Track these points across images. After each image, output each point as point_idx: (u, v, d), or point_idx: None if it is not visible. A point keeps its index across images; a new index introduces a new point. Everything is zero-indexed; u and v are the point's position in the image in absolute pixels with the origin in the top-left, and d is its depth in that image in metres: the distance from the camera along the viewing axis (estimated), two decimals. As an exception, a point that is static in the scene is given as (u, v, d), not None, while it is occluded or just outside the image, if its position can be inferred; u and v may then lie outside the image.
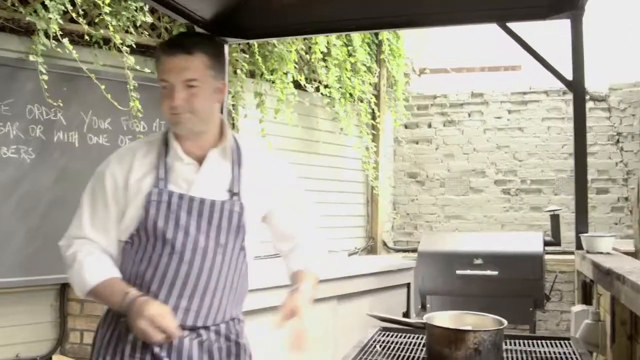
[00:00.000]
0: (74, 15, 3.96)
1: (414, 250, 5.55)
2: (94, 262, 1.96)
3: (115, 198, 1.99)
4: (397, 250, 7.05)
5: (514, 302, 4.90)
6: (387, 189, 7.09)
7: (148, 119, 4.36)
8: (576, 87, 3.15)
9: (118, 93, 4.09)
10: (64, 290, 4.15)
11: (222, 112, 2.15)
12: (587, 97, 6.76)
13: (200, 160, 2.03)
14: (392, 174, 7.36)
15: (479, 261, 5.13)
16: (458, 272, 5.12)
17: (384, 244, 6.92)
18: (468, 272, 5.11)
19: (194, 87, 1.93)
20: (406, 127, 7.33)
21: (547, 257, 5.25)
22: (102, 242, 2.01)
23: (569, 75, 3.14)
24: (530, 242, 5.17)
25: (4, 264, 3.81)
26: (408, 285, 5.60)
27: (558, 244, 5.35)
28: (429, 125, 7.33)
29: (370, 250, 6.76)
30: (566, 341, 2.32)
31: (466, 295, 5.03)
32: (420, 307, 5.17)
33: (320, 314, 4.47)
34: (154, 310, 1.83)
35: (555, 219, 5.34)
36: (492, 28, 3.28)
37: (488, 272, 5.05)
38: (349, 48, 5.75)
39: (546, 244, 5.17)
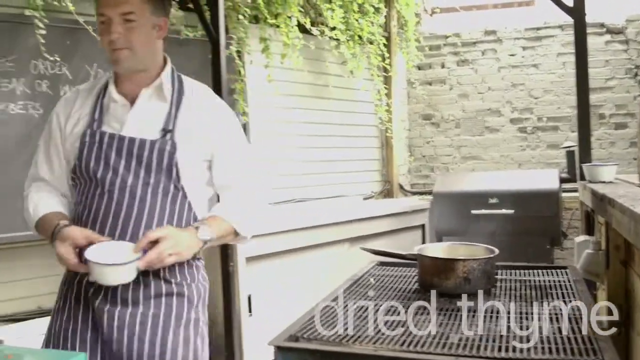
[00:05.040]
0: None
1: (431, 193, 5.53)
2: (38, 199, 2.03)
3: (60, 138, 2.05)
4: (414, 193, 7.03)
5: (531, 240, 4.88)
6: (401, 132, 7.04)
7: (153, 68, 4.34)
8: (577, 13, 3.08)
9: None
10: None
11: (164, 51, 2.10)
12: (604, 29, 6.60)
13: (136, 100, 2.01)
14: (406, 117, 7.30)
15: (494, 200, 5.10)
16: (473, 211, 5.10)
17: (401, 187, 6.91)
18: (483, 211, 5.08)
19: (131, 21, 1.90)
20: (419, 68, 7.22)
21: (564, 194, 5.20)
22: (55, 183, 2.08)
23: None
24: (546, 179, 5.11)
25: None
26: (423, 226, 5.61)
27: (574, 180, 5.28)
28: (442, 66, 7.22)
29: (387, 194, 6.75)
30: (563, 270, 2.31)
31: (481, 234, 5.01)
32: (434, 247, 5.17)
33: (334, 256, 4.53)
34: (73, 233, 1.84)
35: (571, 155, 5.27)
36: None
37: (504, 211, 5.02)
38: (356, -11, 5.63)
39: (562, 180, 5.11)
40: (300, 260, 4.32)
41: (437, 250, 2.17)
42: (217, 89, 3.33)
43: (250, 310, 3.91)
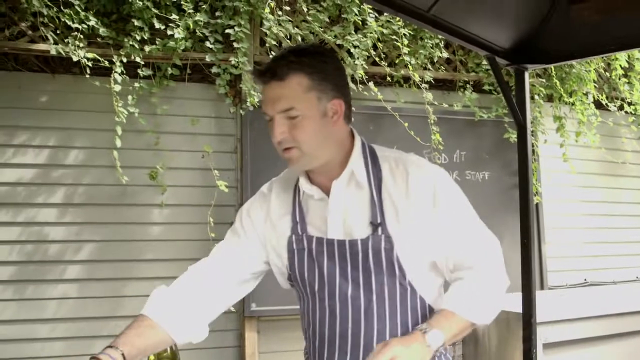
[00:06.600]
0: (376, 59, 4.27)
1: None
2: (172, 287, 1.79)
3: (253, 239, 1.85)
4: None
5: None
6: None
7: (449, 151, 4.50)
8: None
9: (419, 127, 4.29)
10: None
11: (351, 131, 1.81)
12: None
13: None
14: None
15: None
16: None
17: None
18: None
19: (294, 117, 1.63)
20: None
21: None
22: (218, 269, 1.83)
23: None
24: None
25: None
26: None
27: None
28: None
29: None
30: None
31: None
32: None
33: (634, 349, 4.17)
34: None
35: None
36: None
37: None
38: (653, 60, 5.35)
39: None
40: (597, 351, 4.03)
41: None
42: (523, 174, 3.32)
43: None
